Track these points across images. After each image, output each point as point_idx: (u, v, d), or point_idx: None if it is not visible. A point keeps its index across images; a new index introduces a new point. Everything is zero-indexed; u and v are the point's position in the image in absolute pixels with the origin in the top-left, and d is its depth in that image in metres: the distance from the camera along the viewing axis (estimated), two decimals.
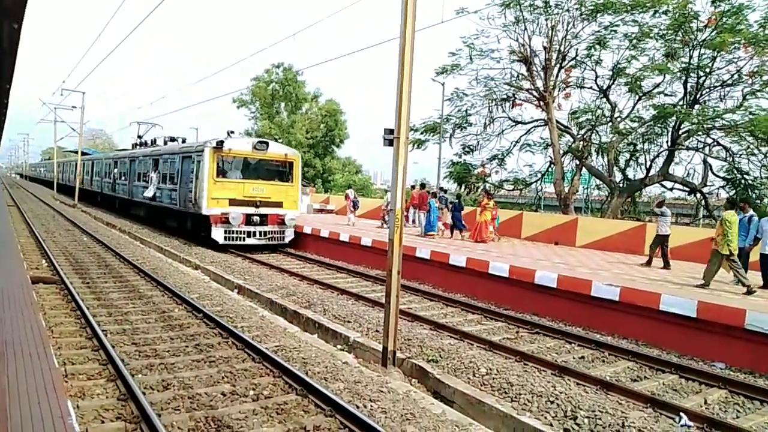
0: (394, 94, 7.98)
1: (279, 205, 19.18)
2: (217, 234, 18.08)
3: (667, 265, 13.60)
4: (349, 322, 10.36)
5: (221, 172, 18.35)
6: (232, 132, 19.32)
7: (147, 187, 23.91)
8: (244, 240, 18.41)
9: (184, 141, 25.06)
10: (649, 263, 14.07)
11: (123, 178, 29.27)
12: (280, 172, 19.76)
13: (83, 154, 42.15)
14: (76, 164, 41.38)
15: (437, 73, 26.99)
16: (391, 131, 8.13)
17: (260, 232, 18.82)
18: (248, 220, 18.49)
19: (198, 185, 18.37)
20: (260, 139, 19.80)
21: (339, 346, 9.01)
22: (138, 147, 29.96)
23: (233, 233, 18.25)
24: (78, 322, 8.84)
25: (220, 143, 18.07)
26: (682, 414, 6.57)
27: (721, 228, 10.93)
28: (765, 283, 11.48)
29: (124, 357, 7.25)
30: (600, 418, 6.28)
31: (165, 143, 25.62)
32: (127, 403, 5.84)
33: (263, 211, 18.77)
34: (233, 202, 18.19)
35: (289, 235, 19.51)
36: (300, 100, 52.04)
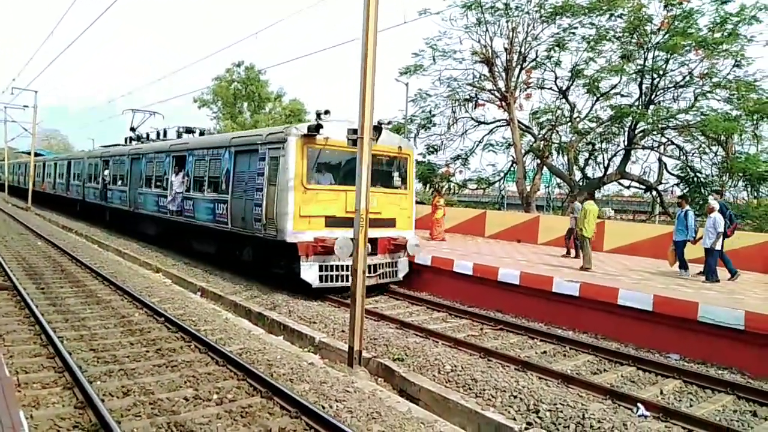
0: (358, 93, 7.99)
1: (391, 223, 13.06)
2: (310, 272, 11.73)
3: (567, 254, 15.38)
4: (314, 323, 10.31)
5: (313, 176, 12.13)
6: (326, 112, 11.95)
7: (165, 196, 17.64)
8: (346, 280, 11.74)
9: (202, 133, 19.42)
10: (576, 256, 14.82)
11: (121, 182, 22.51)
12: (391, 173, 13.60)
13: (37, 155, 40.63)
14: (42, 165, 38.15)
15: (401, 74, 27.14)
16: (355, 131, 8.15)
17: (370, 267, 11.90)
18: None
19: (275, 196, 11.92)
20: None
21: (305, 348, 8.96)
22: (134, 142, 23.76)
23: (332, 269, 11.90)
24: (32, 330, 8.52)
25: (315, 129, 11.70)
26: (639, 404, 6.79)
27: (582, 215, 13.13)
28: (706, 276, 11.98)
29: (82, 364, 7.04)
30: (561, 411, 6.43)
31: (179, 135, 19.49)
32: (84, 411, 5.68)
33: (373, 233, 11.69)
34: (331, 222, 11.91)
35: (402, 268, 13.35)
36: (263, 100, 51.48)
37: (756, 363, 8.32)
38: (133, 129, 24.67)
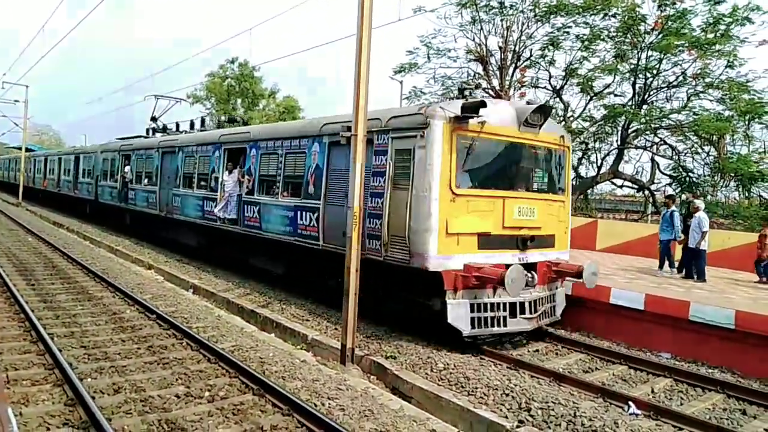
0: (352, 90, 7.97)
1: (551, 242, 9.82)
2: (459, 314, 8.44)
3: None
4: (307, 320, 10.29)
5: (464, 176, 8.83)
6: (477, 87, 9.49)
7: (212, 199, 14.35)
8: (504, 324, 8.80)
9: (245, 123, 16.40)
10: None
11: (148, 181, 19.08)
12: (551, 173, 10.27)
13: (27, 150, 40.33)
14: (44, 161, 35.52)
15: (395, 72, 27.08)
16: (349, 129, 8.12)
17: (530, 304, 9.10)
18: None
19: (407, 204, 8.63)
20: (535, 104, 9.65)
21: (297, 345, 8.94)
22: (158, 134, 20.91)
23: (487, 309, 8.69)
24: (22, 326, 8.46)
25: (473, 109, 8.48)
26: (630, 403, 6.82)
27: None
28: (697, 275, 12.08)
29: (72, 361, 6.99)
30: (553, 409, 6.46)
31: (219, 125, 16.44)
32: (75, 408, 5.64)
33: (532, 255, 9.34)
34: (485, 241, 8.77)
35: (560, 303, 10.13)
36: (257, 96, 51.26)
37: (746, 362, 8.37)
38: (154, 119, 21.75)
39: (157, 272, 14.72)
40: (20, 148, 41.42)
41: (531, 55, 24.50)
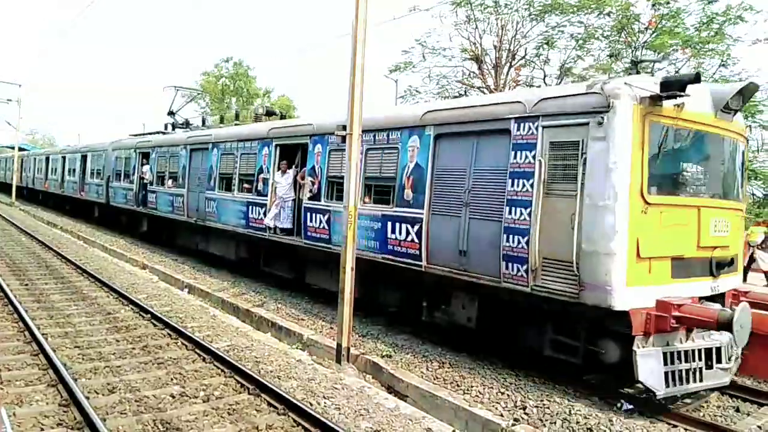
0: (347, 89, 7.96)
1: (734, 265, 7.67)
2: (651, 367, 6.34)
3: None
4: (302, 320, 10.29)
5: (654, 178, 6.67)
6: (665, 56, 7.57)
7: (259, 205, 12.36)
8: (699, 377, 6.67)
9: (282, 117, 15.17)
10: None
11: (172, 182, 16.86)
12: (735, 172, 7.92)
13: (21, 149, 40.13)
14: (45, 160, 33.51)
15: (390, 71, 27.09)
16: (344, 127, 8.11)
17: (726, 349, 7.01)
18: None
19: (574, 217, 6.53)
20: (743, 83, 8.08)
21: (293, 345, 8.93)
22: (178, 130, 19.21)
23: (682, 359, 6.57)
24: (15, 326, 8.41)
25: (675, 87, 6.42)
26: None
27: None
28: None
29: (66, 361, 6.96)
30: (548, 407, 6.49)
31: (257, 119, 15.27)
32: (69, 408, 5.62)
33: (723, 284, 7.38)
34: (678, 267, 6.74)
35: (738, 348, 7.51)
36: (252, 96, 51.19)
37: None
38: (171, 113, 19.82)
39: (151, 272, 14.68)
40: (12, 148, 41.21)
41: (526, 54, 24.58)
